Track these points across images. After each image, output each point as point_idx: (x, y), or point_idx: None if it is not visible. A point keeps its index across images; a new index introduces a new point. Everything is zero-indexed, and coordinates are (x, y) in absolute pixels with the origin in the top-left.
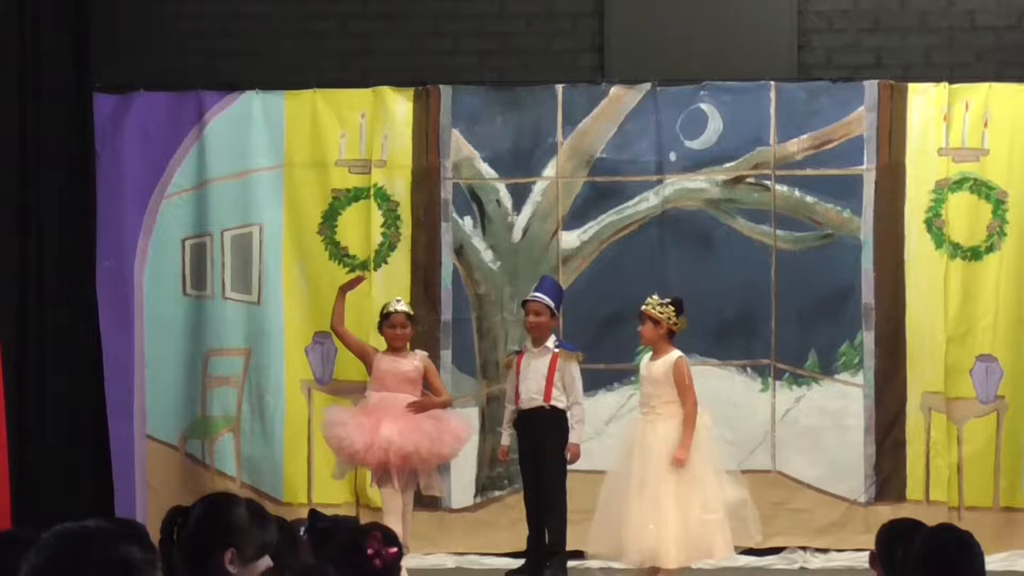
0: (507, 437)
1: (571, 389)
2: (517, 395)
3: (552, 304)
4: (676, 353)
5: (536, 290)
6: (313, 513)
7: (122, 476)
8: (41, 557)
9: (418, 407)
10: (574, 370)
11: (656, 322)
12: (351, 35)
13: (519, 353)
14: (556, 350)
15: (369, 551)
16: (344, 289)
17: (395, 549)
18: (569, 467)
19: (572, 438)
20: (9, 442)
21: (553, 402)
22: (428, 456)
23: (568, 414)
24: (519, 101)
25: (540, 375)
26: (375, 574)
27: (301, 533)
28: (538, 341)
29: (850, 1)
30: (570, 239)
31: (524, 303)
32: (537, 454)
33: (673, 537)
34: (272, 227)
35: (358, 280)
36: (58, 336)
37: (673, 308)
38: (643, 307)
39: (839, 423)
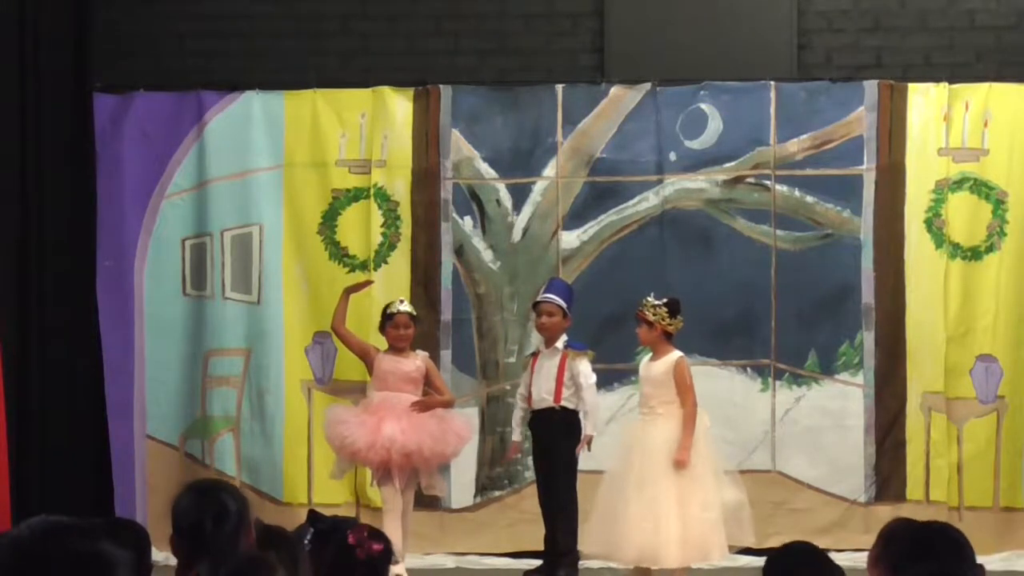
0: (519, 434)
1: (576, 383)
2: (530, 395)
3: (564, 305)
4: (676, 353)
5: (546, 291)
6: (312, 513)
7: (122, 476)
8: (15, 548)
9: (422, 406)
10: (580, 366)
11: (650, 324)
12: (351, 35)
13: (535, 354)
14: (565, 349)
15: (351, 539)
16: (349, 291)
17: (379, 546)
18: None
19: (585, 429)
20: (9, 442)
21: (563, 402)
22: (430, 455)
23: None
24: (519, 101)
25: (551, 375)
26: (358, 565)
27: (306, 542)
28: (550, 341)
29: (850, 1)
30: (570, 239)
31: (535, 305)
32: (548, 454)
33: (673, 537)
34: (272, 227)
35: (365, 284)
36: (58, 336)
37: (667, 309)
38: (638, 309)
39: (839, 423)
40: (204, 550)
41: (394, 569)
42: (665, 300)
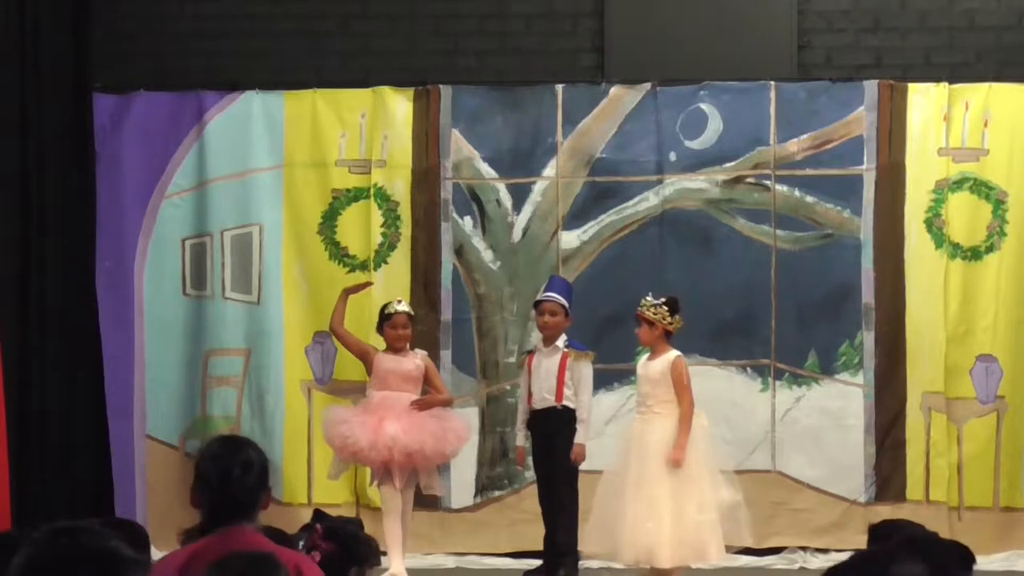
0: (522, 438)
1: (577, 387)
2: (529, 395)
3: (567, 304)
4: (674, 353)
5: (547, 290)
6: (318, 512)
7: (122, 476)
8: (31, 550)
9: (422, 404)
10: (583, 369)
11: (651, 324)
12: (351, 35)
13: (531, 353)
14: (566, 349)
15: (309, 542)
16: (348, 292)
17: (329, 546)
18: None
19: (576, 438)
20: (9, 442)
21: (565, 401)
22: (432, 454)
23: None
24: (519, 101)
25: (551, 375)
26: (320, 564)
27: (301, 545)
28: (549, 340)
29: (850, 1)
30: (570, 239)
31: (537, 303)
32: (549, 454)
33: (668, 537)
34: (272, 227)
35: (365, 285)
36: (58, 336)
37: (667, 308)
38: (638, 309)
39: (839, 423)
40: (226, 499)
41: (392, 569)
42: (664, 299)
